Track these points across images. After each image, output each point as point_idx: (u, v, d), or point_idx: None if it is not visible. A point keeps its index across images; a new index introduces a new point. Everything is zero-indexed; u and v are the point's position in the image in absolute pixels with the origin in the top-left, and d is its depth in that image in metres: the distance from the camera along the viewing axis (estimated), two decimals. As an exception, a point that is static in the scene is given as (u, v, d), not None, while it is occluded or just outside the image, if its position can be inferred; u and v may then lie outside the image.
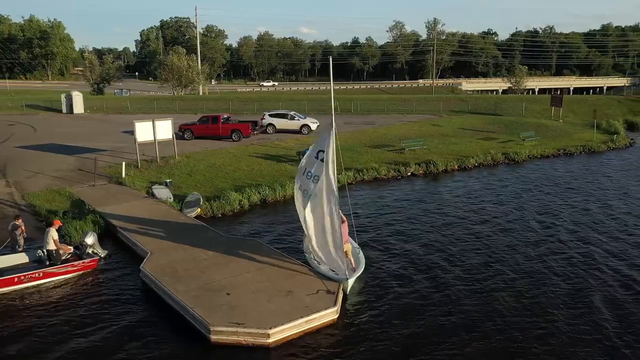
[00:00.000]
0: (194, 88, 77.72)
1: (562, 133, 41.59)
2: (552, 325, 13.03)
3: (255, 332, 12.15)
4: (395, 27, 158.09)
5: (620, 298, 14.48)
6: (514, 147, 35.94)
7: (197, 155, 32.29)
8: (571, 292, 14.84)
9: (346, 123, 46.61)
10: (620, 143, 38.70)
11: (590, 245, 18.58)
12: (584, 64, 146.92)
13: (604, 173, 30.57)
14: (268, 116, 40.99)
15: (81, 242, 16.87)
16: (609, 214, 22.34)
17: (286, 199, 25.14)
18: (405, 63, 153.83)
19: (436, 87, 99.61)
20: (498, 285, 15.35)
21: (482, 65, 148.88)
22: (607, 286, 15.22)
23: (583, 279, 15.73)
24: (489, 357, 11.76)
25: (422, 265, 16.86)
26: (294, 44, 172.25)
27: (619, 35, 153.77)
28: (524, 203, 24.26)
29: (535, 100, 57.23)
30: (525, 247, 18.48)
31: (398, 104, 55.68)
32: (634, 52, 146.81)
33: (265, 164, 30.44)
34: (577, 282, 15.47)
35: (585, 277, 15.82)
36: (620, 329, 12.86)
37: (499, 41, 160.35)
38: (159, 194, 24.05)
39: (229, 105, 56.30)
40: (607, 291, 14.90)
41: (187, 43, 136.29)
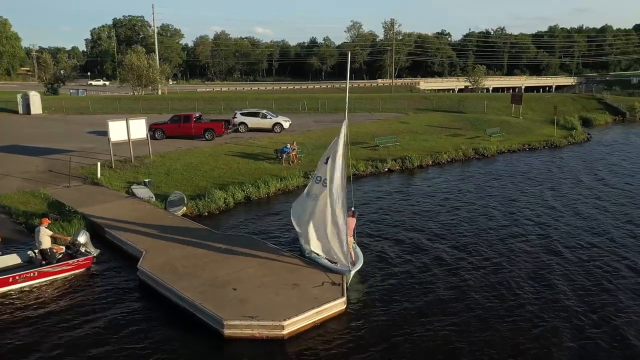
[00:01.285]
0: (154, 88, 76.09)
1: (524, 129, 43.37)
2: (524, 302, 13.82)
3: (269, 324, 12.24)
4: (353, 28, 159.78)
5: (574, 272, 15.67)
6: (482, 142, 37.26)
7: (172, 154, 31.80)
8: (533, 270, 16.01)
9: (316, 121, 46.94)
10: (579, 138, 40.81)
11: (558, 228, 19.68)
12: (534, 64, 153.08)
13: (567, 165, 32.18)
14: (240, 115, 40.75)
15: (73, 242, 16.46)
16: (584, 203, 23.65)
17: (270, 197, 25.28)
18: (364, 63, 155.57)
19: (395, 87, 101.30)
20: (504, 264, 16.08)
21: (437, 65, 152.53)
22: (567, 264, 16.28)
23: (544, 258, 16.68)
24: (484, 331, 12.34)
25: (414, 254, 17.43)
26: (251, 44, 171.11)
27: (565, 36, 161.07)
28: (506, 195, 25.30)
29: (495, 98, 59.34)
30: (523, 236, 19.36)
31: (364, 103, 56.44)
32: (579, 52, 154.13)
33: (243, 162, 30.31)
34: (539, 262, 16.40)
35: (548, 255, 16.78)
36: (576, 300, 13.75)
37: (452, 42, 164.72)
38: (140, 194, 23.63)
39: (194, 105, 55.52)
40: (566, 269, 16.01)
41: (142, 42, 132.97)
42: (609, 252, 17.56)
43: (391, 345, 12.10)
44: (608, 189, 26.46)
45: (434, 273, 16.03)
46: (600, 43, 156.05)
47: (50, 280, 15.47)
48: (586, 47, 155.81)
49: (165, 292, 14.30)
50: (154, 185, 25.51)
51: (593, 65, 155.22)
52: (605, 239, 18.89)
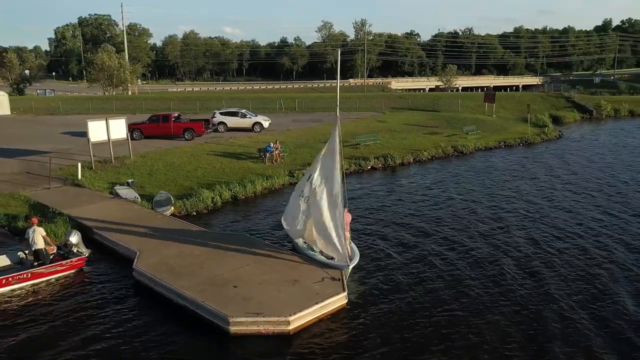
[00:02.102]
0: (125, 88, 74.62)
1: (498, 127, 44.43)
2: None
3: (275, 320, 12.31)
4: (324, 28, 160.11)
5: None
6: (459, 140, 38.02)
7: (152, 154, 31.33)
8: (521, 261, 16.55)
9: (294, 121, 46.94)
10: (551, 135, 42.09)
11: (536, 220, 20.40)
12: (501, 64, 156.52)
13: (543, 161, 33.19)
14: (219, 114, 40.41)
15: (65, 242, 16.17)
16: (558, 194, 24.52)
17: (256, 195, 25.24)
18: (335, 63, 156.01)
19: (367, 86, 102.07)
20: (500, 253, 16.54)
21: (408, 65, 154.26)
22: (555, 254, 16.88)
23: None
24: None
25: (405, 248, 17.80)
26: (221, 44, 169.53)
27: (530, 37, 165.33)
28: (487, 190, 25.95)
29: (468, 97, 60.55)
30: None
31: (341, 102, 56.58)
32: (543, 53, 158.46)
33: (226, 161, 30.12)
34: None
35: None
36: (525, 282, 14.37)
37: (422, 42, 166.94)
38: (125, 194, 23.28)
39: (169, 105, 54.73)
40: (557, 260, 16.58)
41: (110, 41, 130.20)
42: (589, 241, 18.30)
43: (392, 337, 12.35)
44: (583, 182, 27.47)
45: (425, 264, 16.55)
46: (564, 44, 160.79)
47: (44, 282, 15.18)
48: (550, 48, 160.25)
49: (164, 291, 14.18)
50: (137, 185, 25.14)
51: (557, 65, 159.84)
52: (581, 228, 19.69)
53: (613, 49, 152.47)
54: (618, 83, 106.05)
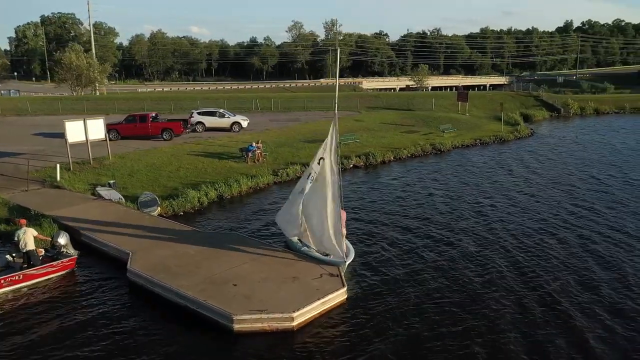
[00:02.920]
0: (95, 88, 72.91)
1: (473, 125, 45.42)
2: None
3: (279, 316, 12.38)
4: (294, 27, 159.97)
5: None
6: (436, 138, 38.73)
7: (131, 155, 30.85)
8: (508, 255, 17.02)
9: (272, 120, 46.90)
10: (524, 133, 43.32)
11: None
12: (468, 64, 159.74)
13: (518, 157, 34.16)
14: (197, 114, 40.01)
15: (53, 243, 15.84)
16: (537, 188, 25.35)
17: (242, 195, 25.16)
18: (305, 63, 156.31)
19: (339, 86, 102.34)
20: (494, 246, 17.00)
21: (378, 65, 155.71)
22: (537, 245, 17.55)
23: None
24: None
25: (394, 245, 18.05)
26: (190, 43, 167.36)
27: (495, 38, 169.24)
28: (467, 185, 26.56)
29: (441, 97, 61.63)
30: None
31: (317, 102, 56.91)
32: (509, 53, 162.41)
33: (208, 161, 29.89)
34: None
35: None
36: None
37: (391, 42, 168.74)
38: (108, 196, 22.89)
39: (142, 105, 53.82)
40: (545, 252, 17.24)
41: (75, 41, 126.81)
42: (565, 230, 19.04)
43: (393, 329, 12.62)
44: (556, 176, 28.48)
45: (414, 258, 16.97)
46: (528, 44, 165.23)
47: (36, 283, 14.89)
48: (515, 48, 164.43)
49: (162, 291, 14.05)
50: (119, 187, 24.74)
51: (522, 65, 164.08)
52: (558, 218, 20.44)
53: (575, 50, 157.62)
54: (580, 82, 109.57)
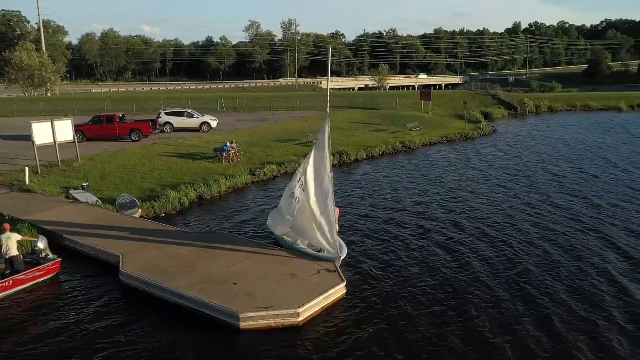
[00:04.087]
0: (48, 89, 70.10)
1: (437, 124, 46.62)
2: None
3: (285, 313, 12.50)
4: (251, 27, 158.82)
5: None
6: (405, 137, 39.58)
7: (100, 157, 30.07)
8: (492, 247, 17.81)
9: (239, 120, 46.61)
10: (486, 130, 44.85)
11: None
12: (423, 64, 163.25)
13: (484, 153, 35.42)
14: (165, 115, 39.27)
15: (33, 248, 15.41)
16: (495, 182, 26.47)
17: (221, 195, 24.98)
18: (264, 63, 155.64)
19: (298, 86, 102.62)
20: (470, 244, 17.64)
21: (336, 65, 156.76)
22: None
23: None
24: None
25: (382, 240, 18.46)
26: (143, 43, 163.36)
27: (449, 38, 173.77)
28: (441, 180, 27.37)
29: (404, 96, 62.82)
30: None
31: (283, 102, 56.91)
32: (462, 53, 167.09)
33: (182, 162, 29.46)
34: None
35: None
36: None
37: (348, 43, 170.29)
38: (84, 198, 22.28)
39: (103, 106, 52.28)
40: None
41: (21, 39, 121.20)
42: (531, 218, 20.04)
43: (394, 320, 13.01)
44: (520, 169, 29.75)
45: (402, 252, 17.36)
46: (480, 45, 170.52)
47: (24, 289, 14.42)
48: (467, 49, 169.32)
49: (159, 292, 13.90)
50: (93, 189, 24.09)
51: (474, 65, 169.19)
52: (523, 207, 21.44)
53: (524, 50, 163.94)
54: (530, 82, 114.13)
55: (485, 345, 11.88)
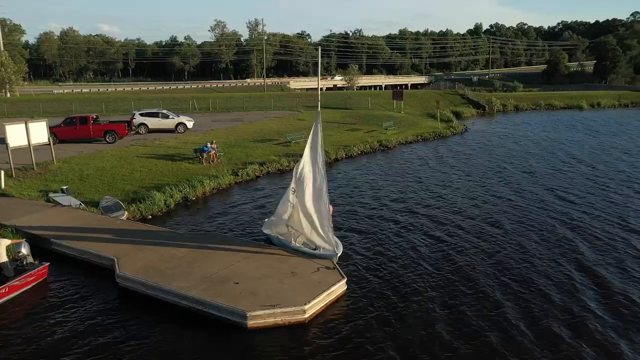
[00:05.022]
0: (8, 90, 67.57)
1: (410, 123, 47.43)
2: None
3: (291, 310, 12.64)
4: (217, 27, 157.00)
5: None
6: (381, 135, 40.15)
7: (76, 160, 29.42)
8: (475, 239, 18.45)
9: (214, 121, 46.26)
10: (459, 129, 45.93)
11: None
12: (389, 64, 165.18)
13: (459, 150, 36.32)
14: (139, 116, 38.60)
15: (17, 254, 15.09)
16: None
17: (206, 196, 24.82)
18: (230, 63, 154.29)
19: (266, 86, 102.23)
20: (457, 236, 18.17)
21: (302, 65, 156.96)
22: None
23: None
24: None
25: (371, 237, 18.84)
26: (105, 42, 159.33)
27: (413, 39, 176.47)
28: (420, 178, 27.97)
29: (376, 95, 63.62)
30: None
31: (255, 102, 56.74)
32: (426, 54, 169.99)
33: (161, 164, 29.10)
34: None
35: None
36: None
37: (314, 43, 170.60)
38: (66, 202, 21.80)
39: (71, 107, 50.83)
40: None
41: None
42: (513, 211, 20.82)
43: (394, 311, 13.40)
44: (495, 165, 30.76)
45: (390, 248, 17.74)
46: (443, 46, 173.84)
47: (19, 294, 14.16)
48: (432, 49, 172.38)
49: (160, 294, 13.81)
50: (73, 192, 23.56)
51: (438, 65, 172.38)
52: (499, 199, 22.25)
53: (485, 51, 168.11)
54: (493, 82, 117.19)
55: (478, 327, 12.37)
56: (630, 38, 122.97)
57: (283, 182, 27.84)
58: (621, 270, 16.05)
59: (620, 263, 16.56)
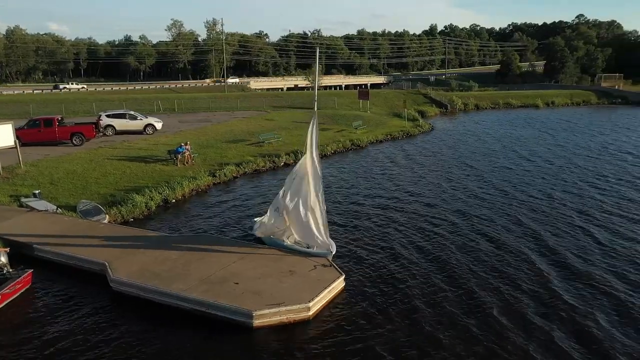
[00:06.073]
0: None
1: (378, 122, 48.17)
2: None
3: (296, 308, 12.76)
4: (173, 26, 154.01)
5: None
6: (351, 135, 40.64)
7: (44, 163, 28.44)
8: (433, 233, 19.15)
9: (181, 122, 45.57)
10: (425, 128, 47.01)
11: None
12: (348, 64, 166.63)
13: (428, 148, 37.23)
14: (105, 117, 37.55)
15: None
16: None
17: (186, 197, 24.51)
18: (188, 63, 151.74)
19: (227, 87, 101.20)
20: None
21: (262, 65, 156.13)
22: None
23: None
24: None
25: (360, 234, 19.16)
26: (55, 41, 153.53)
27: (371, 39, 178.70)
28: (398, 176, 28.55)
29: (342, 95, 64.17)
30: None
31: (221, 102, 56.17)
32: (384, 54, 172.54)
33: (135, 166, 28.47)
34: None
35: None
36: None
37: (273, 42, 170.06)
38: (40, 206, 21.05)
39: (28, 109, 48.86)
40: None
41: None
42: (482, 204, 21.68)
43: (394, 304, 13.75)
44: (468, 161, 31.77)
45: (377, 243, 18.11)
46: (400, 46, 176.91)
47: (8, 303, 13.64)
48: (389, 50, 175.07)
49: (159, 297, 13.63)
50: (45, 196, 22.79)
51: (396, 65, 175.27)
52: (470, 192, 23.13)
53: (441, 51, 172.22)
54: (450, 81, 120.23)
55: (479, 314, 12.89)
56: (577, 39, 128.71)
57: (261, 182, 27.87)
58: (581, 255, 17.06)
59: (581, 249, 17.57)
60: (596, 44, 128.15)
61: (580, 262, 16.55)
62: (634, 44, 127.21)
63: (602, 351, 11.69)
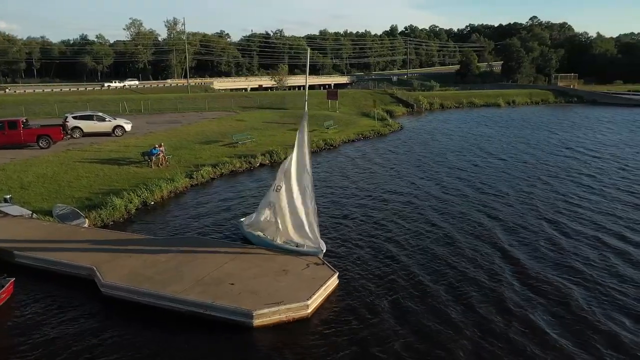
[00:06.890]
0: None
1: (348, 121, 48.60)
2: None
3: (295, 306, 12.87)
4: (132, 25, 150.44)
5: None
6: (323, 135, 40.87)
7: (11, 167, 27.50)
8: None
9: (149, 123, 44.74)
10: (395, 127, 47.75)
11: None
12: (311, 65, 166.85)
13: (398, 146, 37.90)
14: (72, 119, 36.45)
15: None
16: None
17: (164, 200, 24.15)
18: (148, 63, 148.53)
19: (190, 87, 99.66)
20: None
21: (224, 65, 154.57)
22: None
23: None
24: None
25: (348, 233, 19.43)
26: (6, 40, 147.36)
27: (334, 39, 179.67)
28: (379, 174, 28.97)
29: (311, 95, 63.93)
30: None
31: (188, 103, 55.40)
32: (347, 54, 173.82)
33: (108, 169, 27.84)
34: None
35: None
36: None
37: (235, 42, 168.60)
38: (14, 212, 20.35)
39: (-16, 111, 46.96)
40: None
41: None
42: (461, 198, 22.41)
43: (388, 301, 14.02)
44: (443, 159, 32.56)
45: (365, 238, 18.42)
46: (362, 46, 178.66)
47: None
48: (352, 50, 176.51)
49: (153, 300, 13.45)
50: (16, 201, 22.03)
51: (358, 65, 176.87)
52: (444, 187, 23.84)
53: (402, 52, 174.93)
54: (412, 81, 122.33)
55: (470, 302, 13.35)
56: (532, 40, 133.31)
57: (239, 183, 27.74)
58: (534, 249, 17.83)
59: (533, 243, 18.41)
60: (549, 45, 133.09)
61: (547, 250, 17.72)
62: (585, 45, 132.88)
63: (577, 332, 12.35)
